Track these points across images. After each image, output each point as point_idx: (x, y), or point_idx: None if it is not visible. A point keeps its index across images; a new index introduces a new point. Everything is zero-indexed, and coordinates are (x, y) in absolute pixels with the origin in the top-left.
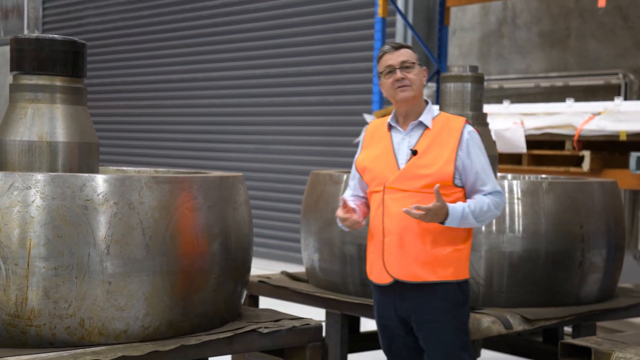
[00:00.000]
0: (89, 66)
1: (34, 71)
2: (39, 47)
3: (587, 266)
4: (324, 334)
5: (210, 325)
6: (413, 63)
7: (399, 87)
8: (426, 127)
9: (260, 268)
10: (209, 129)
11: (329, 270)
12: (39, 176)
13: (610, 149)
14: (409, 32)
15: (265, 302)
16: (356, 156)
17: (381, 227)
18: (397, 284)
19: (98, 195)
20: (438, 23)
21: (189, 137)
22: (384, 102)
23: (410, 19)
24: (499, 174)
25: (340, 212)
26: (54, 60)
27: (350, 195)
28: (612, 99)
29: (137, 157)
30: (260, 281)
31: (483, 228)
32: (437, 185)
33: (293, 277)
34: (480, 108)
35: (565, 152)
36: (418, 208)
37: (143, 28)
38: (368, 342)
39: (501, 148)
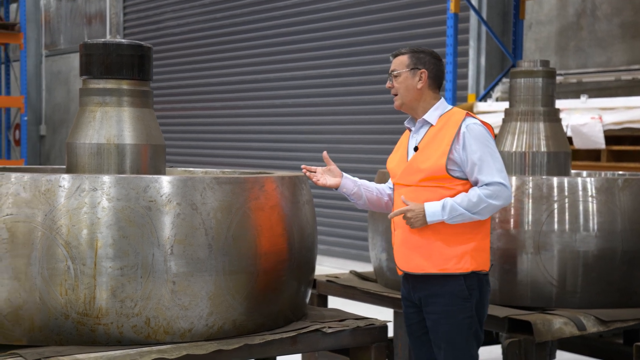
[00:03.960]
0: (167, 69)
1: (101, 75)
2: (106, 52)
3: None
4: (390, 334)
5: (275, 325)
6: (399, 72)
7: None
8: (431, 124)
9: (331, 267)
10: (279, 129)
11: (397, 270)
12: (105, 178)
13: None
14: (483, 28)
15: (334, 302)
16: None
17: (392, 221)
18: (408, 275)
19: (161, 196)
20: (513, 17)
21: (260, 137)
22: (456, 99)
23: (484, 14)
24: (573, 171)
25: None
26: (121, 64)
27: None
28: None
29: (209, 157)
30: (328, 281)
31: (555, 226)
32: (402, 197)
33: (361, 276)
34: (552, 103)
35: None
36: (396, 214)
37: (217, 30)
38: None
39: (578, 144)
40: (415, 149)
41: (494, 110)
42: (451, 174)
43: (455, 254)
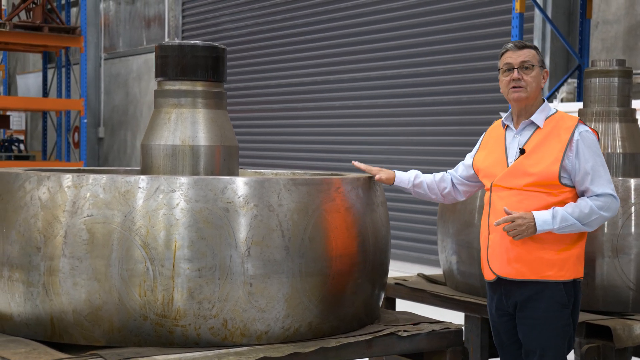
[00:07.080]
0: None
1: (177, 77)
2: (182, 53)
3: None
4: (463, 338)
5: (349, 328)
6: (533, 65)
7: (513, 87)
8: (537, 127)
9: (396, 270)
10: (343, 131)
11: (468, 273)
12: (183, 179)
13: None
14: (548, 27)
15: (402, 305)
16: (472, 152)
17: (487, 223)
18: (502, 281)
19: (239, 197)
20: (579, 16)
21: (324, 139)
22: None
23: (549, 13)
24: None
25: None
26: (196, 65)
27: (445, 173)
28: None
29: (274, 159)
30: (397, 283)
31: (633, 229)
32: (505, 207)
33: (430, 279)
34: (629, 104)
35: None
36: (506, 220)
37: (276, 32)
38: None
39: None
40: (522, 151)
41: None
42: (561, 181)
43: (557, 262)
